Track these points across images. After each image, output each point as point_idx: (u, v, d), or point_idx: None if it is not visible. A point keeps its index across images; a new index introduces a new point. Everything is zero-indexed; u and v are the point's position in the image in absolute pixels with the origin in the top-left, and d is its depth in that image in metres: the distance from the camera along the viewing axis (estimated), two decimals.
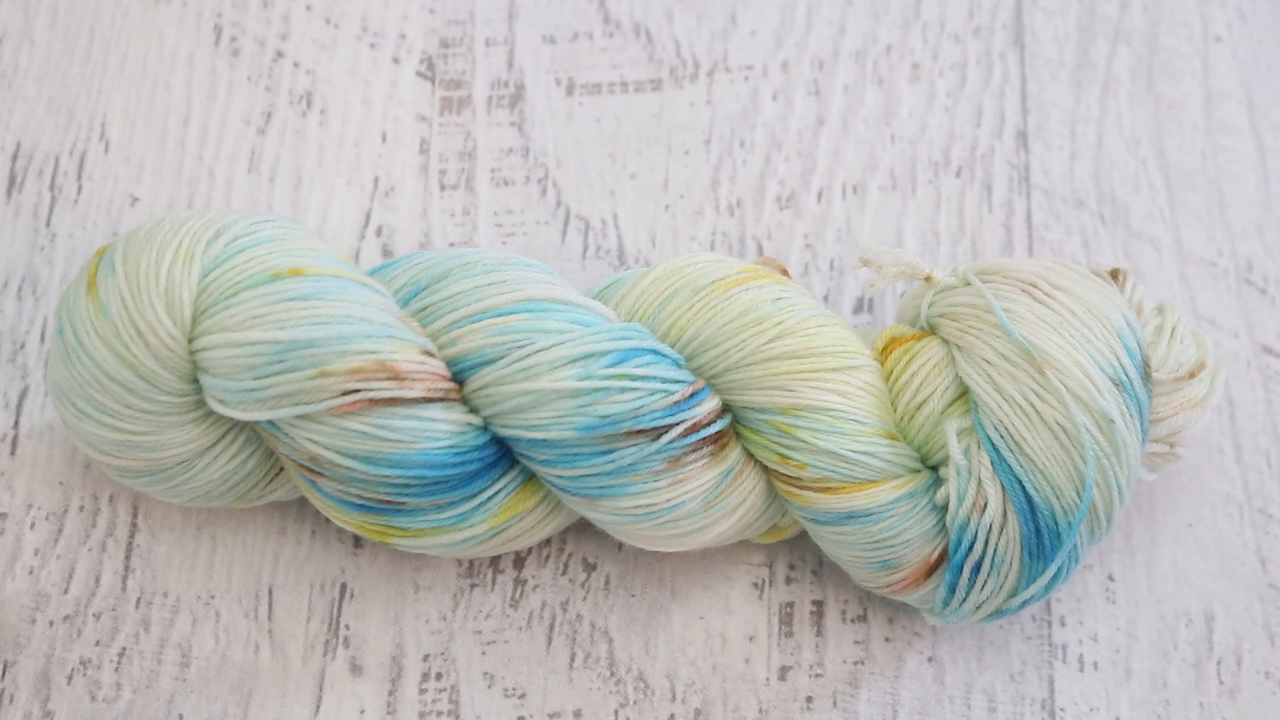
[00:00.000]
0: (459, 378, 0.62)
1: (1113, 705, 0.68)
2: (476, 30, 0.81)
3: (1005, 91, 0.79)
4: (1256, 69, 0.80)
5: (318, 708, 0.67)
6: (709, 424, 0.63)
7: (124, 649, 0.68)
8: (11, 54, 0.79)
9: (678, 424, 0.62)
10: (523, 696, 0.67)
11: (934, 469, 0.64)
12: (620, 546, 0.70)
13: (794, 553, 0.70)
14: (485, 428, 0.63)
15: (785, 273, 0.67)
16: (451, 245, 0.76)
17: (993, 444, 0.62)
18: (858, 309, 0.75)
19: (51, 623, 0.68)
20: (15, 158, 0.77)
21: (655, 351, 0.62)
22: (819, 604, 0.69)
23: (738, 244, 0.76)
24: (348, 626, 0.68)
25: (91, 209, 0.76)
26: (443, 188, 0.77)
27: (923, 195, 0.77)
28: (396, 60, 0.80)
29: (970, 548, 0.62)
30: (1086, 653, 0.68)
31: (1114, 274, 0.67)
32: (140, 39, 0.79)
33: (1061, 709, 0.67)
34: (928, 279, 0.67)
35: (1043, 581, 0.63)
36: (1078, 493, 0.62)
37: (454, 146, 0.78)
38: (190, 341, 0.61)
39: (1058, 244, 0.76)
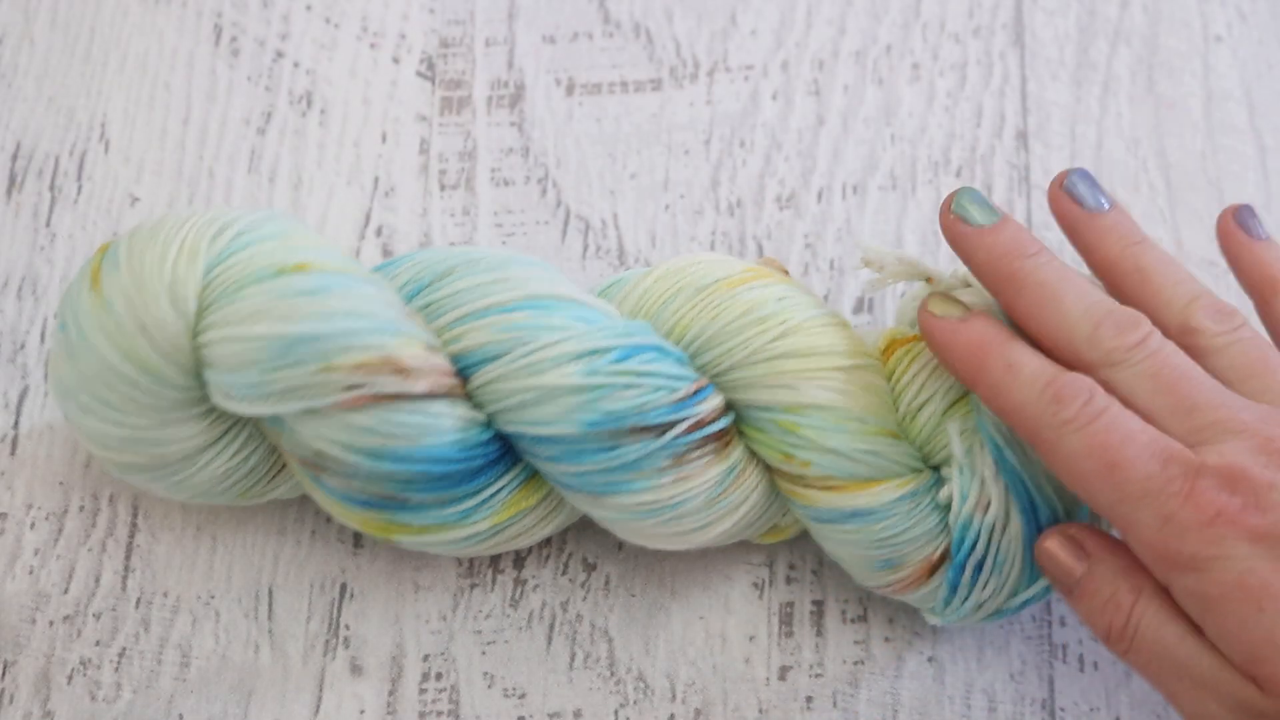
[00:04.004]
0: (463, 374, 0.62)
1: (1113, 705, 0.68)
2: (476, 30, 0.81)
3: (1005, 91, 0.79)
4: (1256, 69, 0.80)
5: (318, 708, 0.67)
6: (712, 421, 0.62)
7: (124, 649, 0.68)
8: (11, 54, 0.79)
9: (682, 420, 0.62)
10: (523, 696, 0.67)
11: (936, 469, 0.64)
12: (620, 546, 0.70)
13: (794, 553, 0.70)
14: (489, 424, 0.63)
15: (785, 273, 0.67)
16: (452, 245, 0.76)
17: (995, 444, 0.62)
18: (858, 309, 0.75)
19: (51, 623, 0.68)
20: (15, 158, 0.77)
21: (659, 348, 0.62)
22: (819, 604, 0.69)
23: (738, 244, 0.76)
24: (348, 626, 0.68)
25: (91, 209, 0.76)
26: (443, 188, 0.77)
27: (923, 195, 0.77)
28: (396, 60, 0.80)
29: (973, 547, 0.62)
30: (1086, 653, 0.68)
31: None
32: (140, 39, 0.79)
33: (1061, 709, 0.67)
34: (929, 279, 0.67)
35: (1044, 581, 0.63)
36: None
37: (454, 146, 0.78)
38: (195, 336, 0.61)
39: (1058, 244, 0.76)
